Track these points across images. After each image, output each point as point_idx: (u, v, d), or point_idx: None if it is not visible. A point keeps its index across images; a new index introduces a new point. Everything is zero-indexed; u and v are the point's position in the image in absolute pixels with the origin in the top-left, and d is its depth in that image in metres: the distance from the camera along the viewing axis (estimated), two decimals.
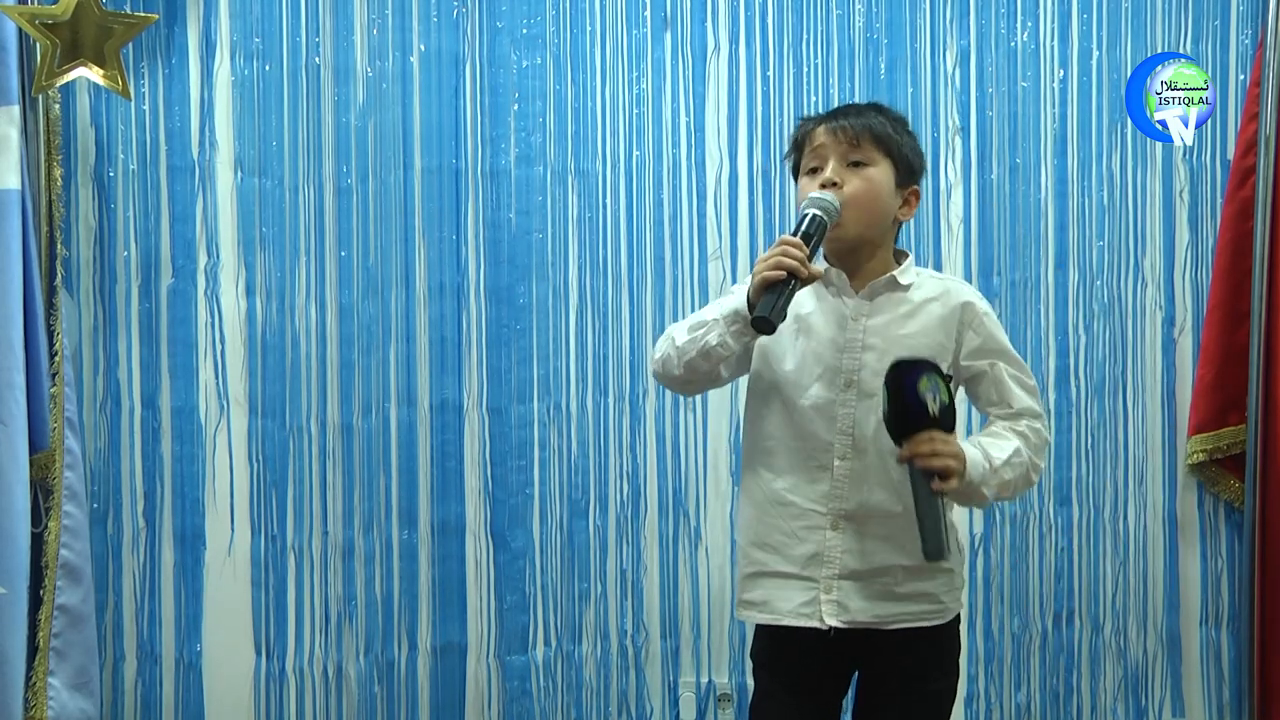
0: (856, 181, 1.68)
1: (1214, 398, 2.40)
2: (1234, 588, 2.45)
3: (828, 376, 1.68)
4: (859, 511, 1.67)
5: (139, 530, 2.36)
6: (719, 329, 1.64)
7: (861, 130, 1.69)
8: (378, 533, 2.39)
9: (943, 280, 1.76)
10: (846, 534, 1.67)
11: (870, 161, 1.69)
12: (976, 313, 1.72)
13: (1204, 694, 2.48)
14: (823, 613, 1.66)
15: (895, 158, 1.71)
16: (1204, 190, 2.44)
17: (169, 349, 2.35)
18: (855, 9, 2.41)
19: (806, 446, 1.68)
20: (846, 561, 1.67)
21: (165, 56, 2.34)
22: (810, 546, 1.67)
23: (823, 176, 1.68)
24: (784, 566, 1.69)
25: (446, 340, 2.40)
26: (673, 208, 2.42)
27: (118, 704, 2.36)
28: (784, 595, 1.69)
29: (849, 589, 1.67)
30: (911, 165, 1.74)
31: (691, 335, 1.67)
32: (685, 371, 1.69)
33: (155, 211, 2.34)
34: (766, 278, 1.56)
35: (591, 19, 2.40)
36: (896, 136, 1.72)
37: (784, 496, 1.69)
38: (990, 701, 2.47)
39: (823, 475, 1.67)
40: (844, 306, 1.70)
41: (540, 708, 2.43)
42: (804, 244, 1.58)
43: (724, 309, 1.65)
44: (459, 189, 2.39)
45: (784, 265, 1.55)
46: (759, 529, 1.71)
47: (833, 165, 1.68)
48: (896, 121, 1.74)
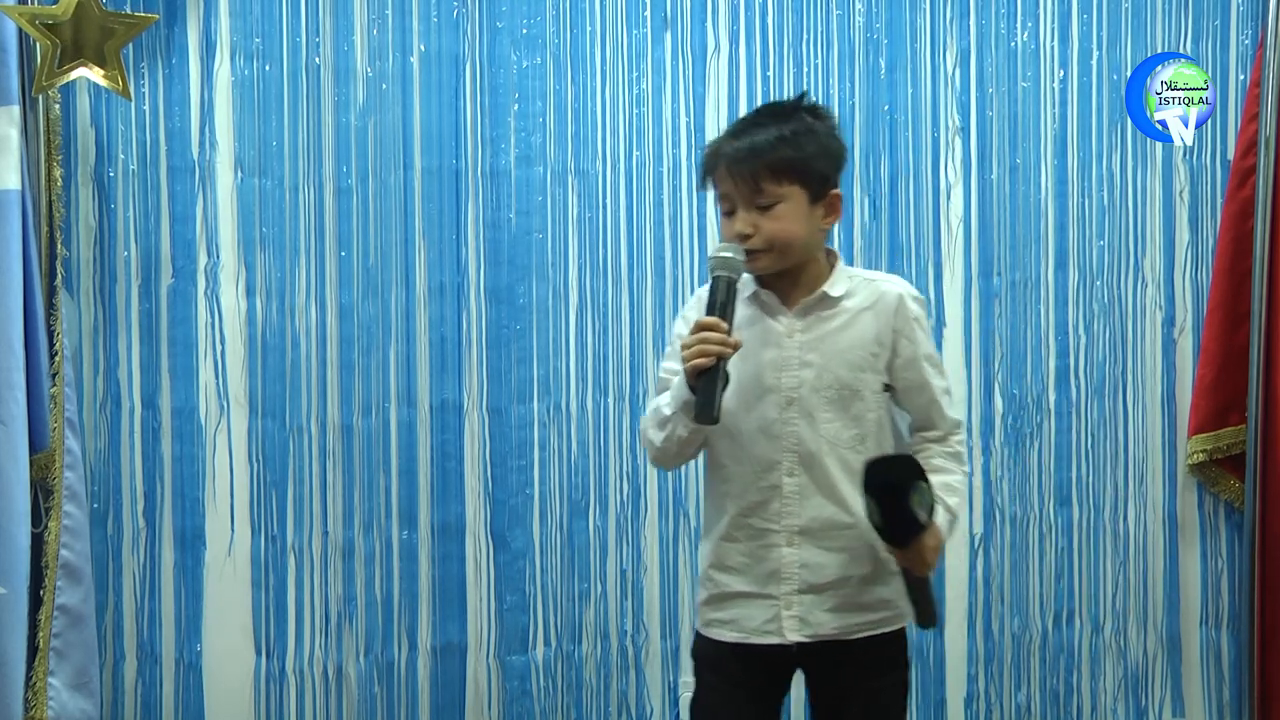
0: (768, 226, 1.63)
1: (1214, 398, 2.40)
2: (1234, 588, 2.45)
3: (769, 397, 1.68)
4: (811, 526, 1.68)
5: (139, 530, 2.36)
6: (681, 423, 1.65)
7: (759, 170, 1.62)
8: (378, 533, 2.39)
9: (873, 281, 1.74)
10: (802, 549, 1.68)
11: (778, 199, 1.63)
12: (908, 318, 1.71)
13: (1204, 694, 2.48)
14: (784, 628, 1.69)
15: (804, 179, 1.64)
16: (1204, 190, 2.44)
17: (169, 349, 2.35)
18: (855, 9, 2.41)
19: (756, 467, 1.69)
20: (804, 576, 1.68)
21: (165, 56, 2.34)
22: (769, 565, 1.69)
23: (734, 230, 1.64)
24: (746, 586, 1.71)
25: (446, 340, 2.39)
26: (673, 208, 2.42)
27: (118, 704, 2.36)
28: (748, 614, 1.70)
29: (810, 603, 1.69)
30: (824, 175, 1.67)
31: (664, 433, 1.68)
32: (679, 459, 1.75)
33: (155, 211, 2.34)
34: (698, 366, 1.56)
35: (591, 19, 2.40)
36: (798, 155, 1.64)
37: (740, 520, 1.70)
38: (990, 701, 2.47)
39: (773, 494, 1.69)
40: (778, 325, 1.70)
41: (540, 708, 2.43)
42: (722, 318, 1.58)
43: (676, 401, 1.64)
44: (459, 189, 2.39)
45: (710, 354, 1.56)
46: (719, 553, 1.73)
47: (741, 215, 1.64)
48: (797, 131, 1.65)
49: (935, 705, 2.47)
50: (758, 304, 1.70)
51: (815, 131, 1.67)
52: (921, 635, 2.45)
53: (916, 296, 1.75)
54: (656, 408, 1.71)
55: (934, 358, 1.75)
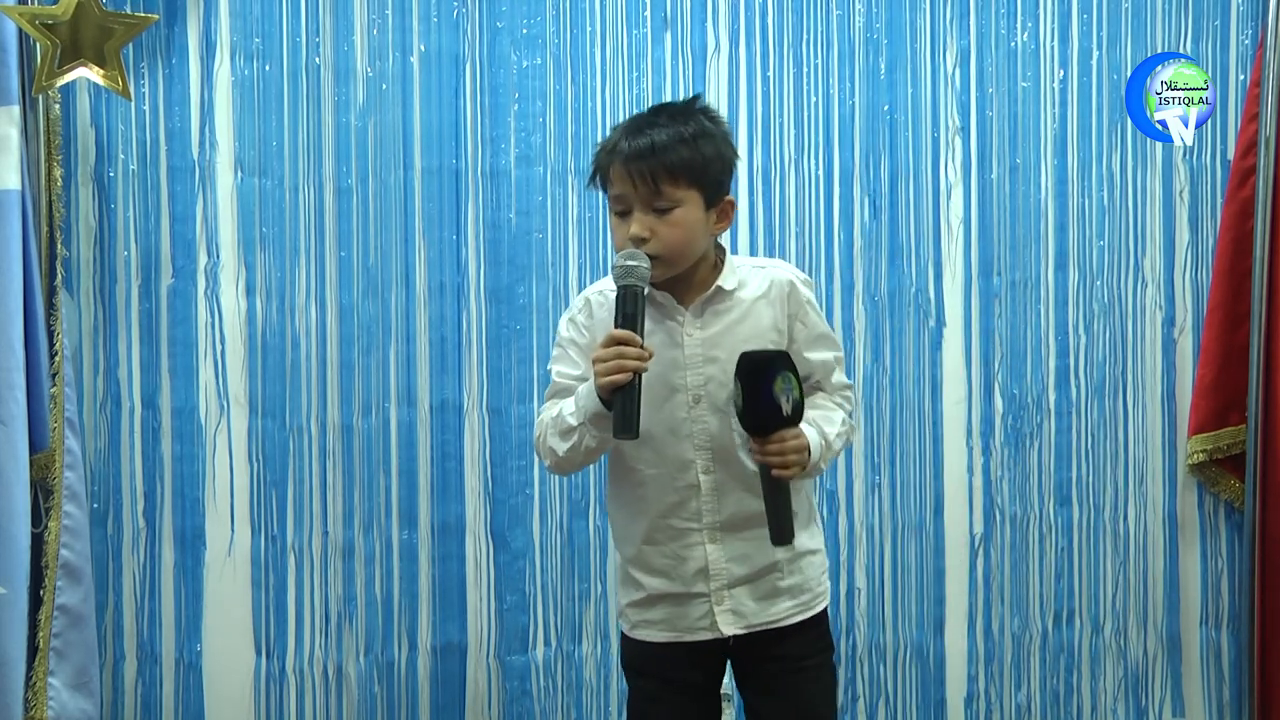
0: (665, 231, 1.61)
1: (1214, 398, 2.40)
2: (1234, 588, 2.45)
3: (675, 397, 1.68)
4: (733, 520, 1.69)
5: (139, 530, 2.36)
6: (590, 433, 1.63)
7: (658, 172, 1.59)
8: (378, 533, 2.39)
9: (763, 269, 1.74)
10: (725, 544, 1.69)
11: (676, 202, 1.61)
12: (800, 302, 1.72)
13: (1204, 694, 2.48)
14: (719, 623, 1.69)
15: (701, 184, 1.62)
16: (1204, 190, 2.44)
17: (169, 349, 2.35)
18: (855, 9, 2.41)
19: (670, 469, 1.69)
20: (733, 570, 1.69)
21: (165, 56, 2.34)
22: (694, 563, 1.70)
23: (630, 231, 1.62)
24: (674, 587, 1.71)
25: (446, 340, 2.39)
26: None
27: (118, 704, 2.36)
28: (680, 613, 1.71)
29: (740, 595, 1.70)
30: (719, 180, 1.66)
31: (568, 443, 1.66)
32: (583, 466, 1.74)
33: (155, 211, 2.34)
34: (615, 382, 1.54)
35: (591, 19, 2.40)
36: (697, 158, 1.61)
37: (659, 522, 1.70)
38: (990, 701, 2.47)
39: (691, 493, 1.69)
40: (677, 326, 1.69)
41: (540, 708, 2.43)
42: (634, 331, 1.56)
43: (584, 412, 1.62)
44: (459, 189, 2.39)
45: (626, 369, 1.54)
46: (641, 557, 1.73)
47: (638, 217, 1.61)
48: (695, 133, 1.63)
49: (935, 705, 2.47)
50: (654, 305, 1.67)
51: (712, 135, 1.66)
52: (922, 634, 2.45)
53: (805, 280, 1.76)
54: (559, 416, 1.67)
55: (827, 336, 1.76)
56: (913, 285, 2.43)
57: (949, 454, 2.45)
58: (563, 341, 1.76)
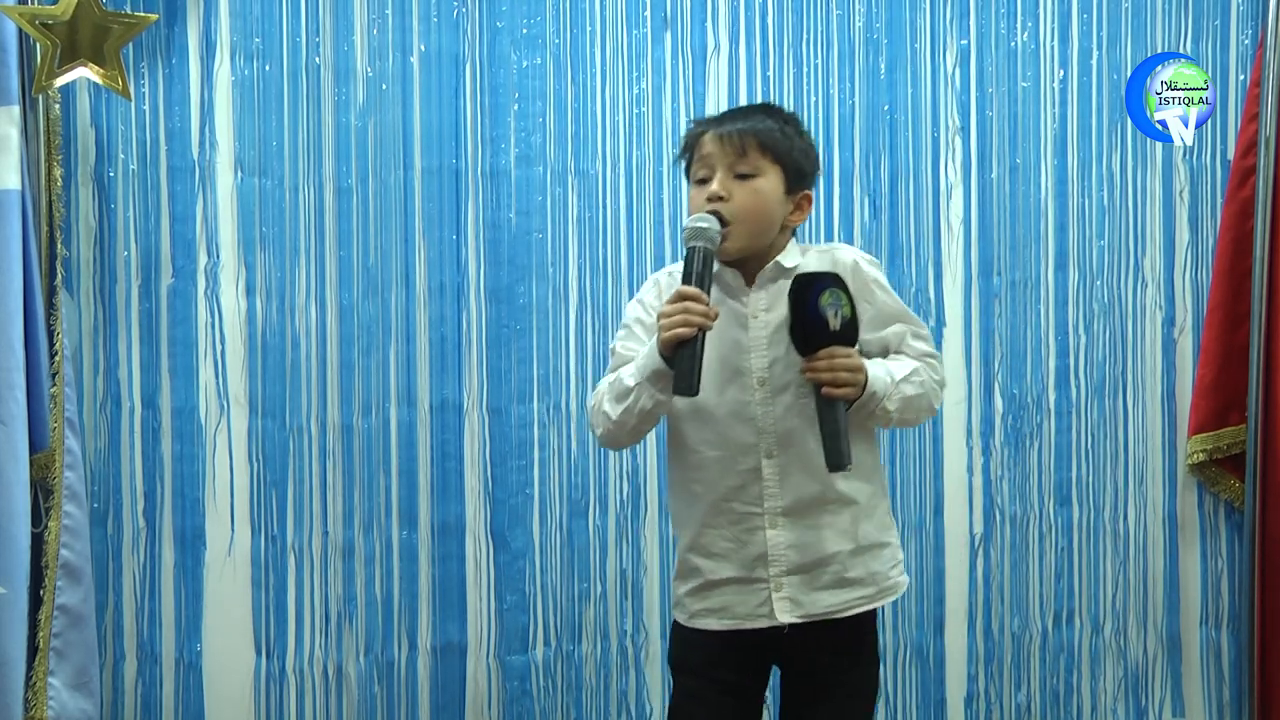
0: (743, 195, 1.66)
1: (1214, 398, 2.40)
2: (1234, 588, 2.45)
3: (738, 379, 1.69)
4: (795, 506, 1.68)
5: (139, 530, 2.36)
6: (648, 393, 1.63)
7: (748, 138, 1.67)
8: (378, 533, 2.39)
9: (827, 251, 1.74)
10: (787, 530, 1.68)
11: (758, 172, 1.67)
12: (865, 280, 1.71)
13: (1204, 694, 2.48)
14: (776, 610, 1.68)
15: (784, 164, 1.68)
16: (1204, 190, 2.44)
17: (169, 349, 2.35)
18: (855, 9, 2.41)
19: (732, 452, 1.69)
20: (791, 557, 1.68)
21: (165, 56, 2.34)
22: (754, 548, 1.69)
23: (709, 190, 1.66)
24: (733, 572, 1.70)
25: (446, 340, 2.39)
26: (673, 208, 2.42)
27: (118, 704, 2.36)
28: (739, 600, 1.70)
29: (798, 583, 1.68)
30: (802, 170, 1.71)
31: (623, 405, 1.66)
32: (634, 436, 1.72)
33: (155, 211, 2.34)
34: (679, 336, 1.56)
35: (591, 19, 2.40)
36: (786, 141, 1.69)
37: (720, 505, 1.70)
38: (990, 701, 2.47)
39: (753, 477, 1.69)
40: (742, 307, 1.70)
41: (540, 708, 2.43)
42: (701, 289, 1.58)
43: (643, 372, 1.64)
44: (459, 189, 2.39)
45: (692, 323, 1.56)
46: (704, 540, 1.72)
47: (719, 178, 1.67)
48: (787, 124, 1.71)
49: (935, 705, 2.47)
50: (722, 284, 1.70)
51: (803, 136, 1.73)
52: (922, 634, 2.45)
53: (871, 259, 1.75)
54: (616, 379, 1.69)
55: (900, 313, 1.73)
56: (913, 285, 2.43)
57: (949, 454, 2.45)
58: (628, 322, 1.77)
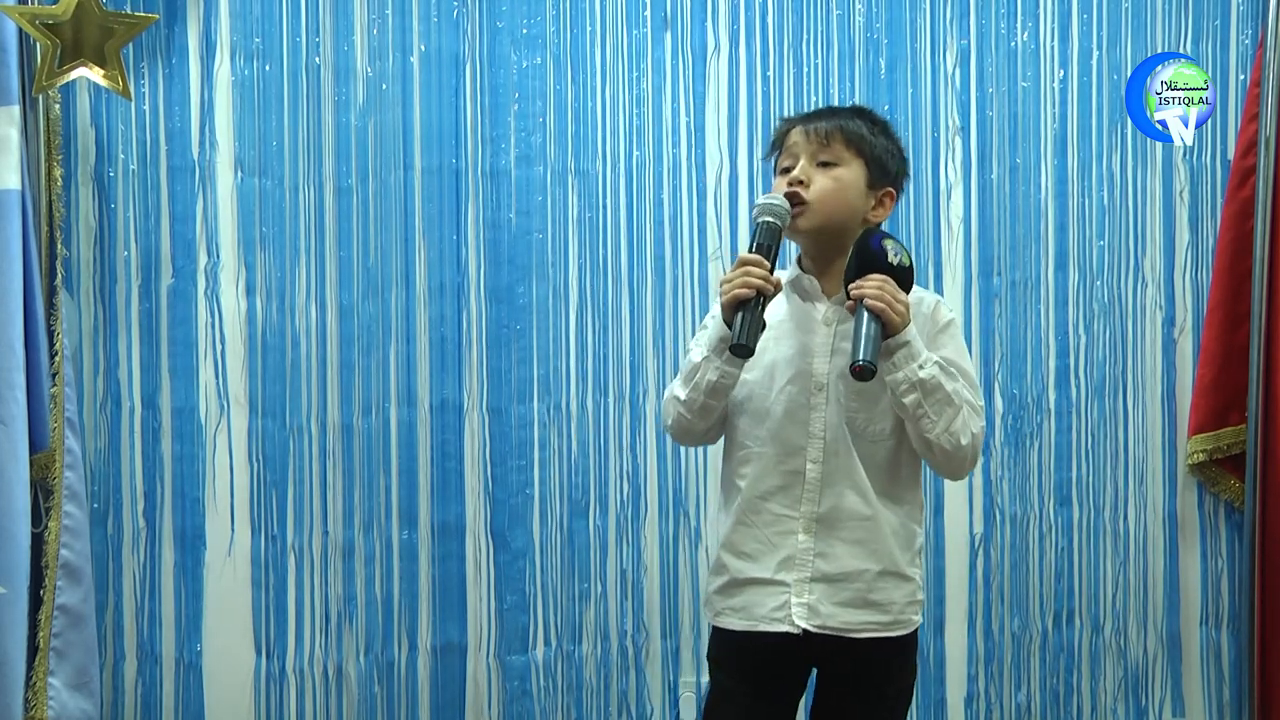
0: (822, 180, 1.69)
1: (1214, 398, 2.40)
2: (1234, 588, 2.45)
3: (799, 380, 1.70)
4: (830, 515, 1.68)
5: (139, 530, 2.36)
6: (714, 364, 1.66)
7: (833, 130, 1.71)
8: (378, 533, 2.39)
9: (917, 291, 1.74)
10: (818, 537, 1.69)
11: (840, 161, 1.70)
12: (940, 322, 1.73)
13: (1204, 694, 2.48)
14: (793, 616, 1.68)
15: (867, 158, 1.72)
16: (1204, 190, 2.44)
17: (169, 349, 2.35)
18: (855, 9, 2.41)
19: (779, 451, 1.70)
20: (818, 565, 1.69)
21: (165, 56, 2.34)
22: (783, 551, 1.69)
23: (791, 175, 1.70)
24: (759, 573, 1.71)
25: (446, 340, 2.39)
26: (673, 208, 2.42)
27: (118, 704, 2.36)
28: (759, 601, 1.71)
29: (820, 592, 1.68)
30: (885, 166, 1.74)
31: (692, 383, 1.69)
32: (702, 418, 1.72)
33: (155, 211, 2.34)
34: (737, 295, 1.58)
35: (591, 19, 2.40)
36: (871, 137, 1.72)
37: (758, 504, 1.71)
38: (990, 701, 2.47)
39: (795, 479, 1.69)
40: (815, 311, 1.72)
41: (540, 708, 2.43)
42: (763, 257, 1.61)
43: (710, 343, 1.66)
44: (459, 189, 2.39)
45: (751, 285, 1.58)
46: (735, 537, 1.73)
47: (802, 164, 1.71)
48: (876, 124, 1.75)
49: (935, 705, 2.47)
50: (797, 290, 1.73)
51: (892, 136, 1.77)
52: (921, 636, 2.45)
53: (950, 308, 1.78)
54: (687, 362, 1.72)
55: (962, 365, 1.71)
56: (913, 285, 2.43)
57: None
58: (705, 325, 1.77)
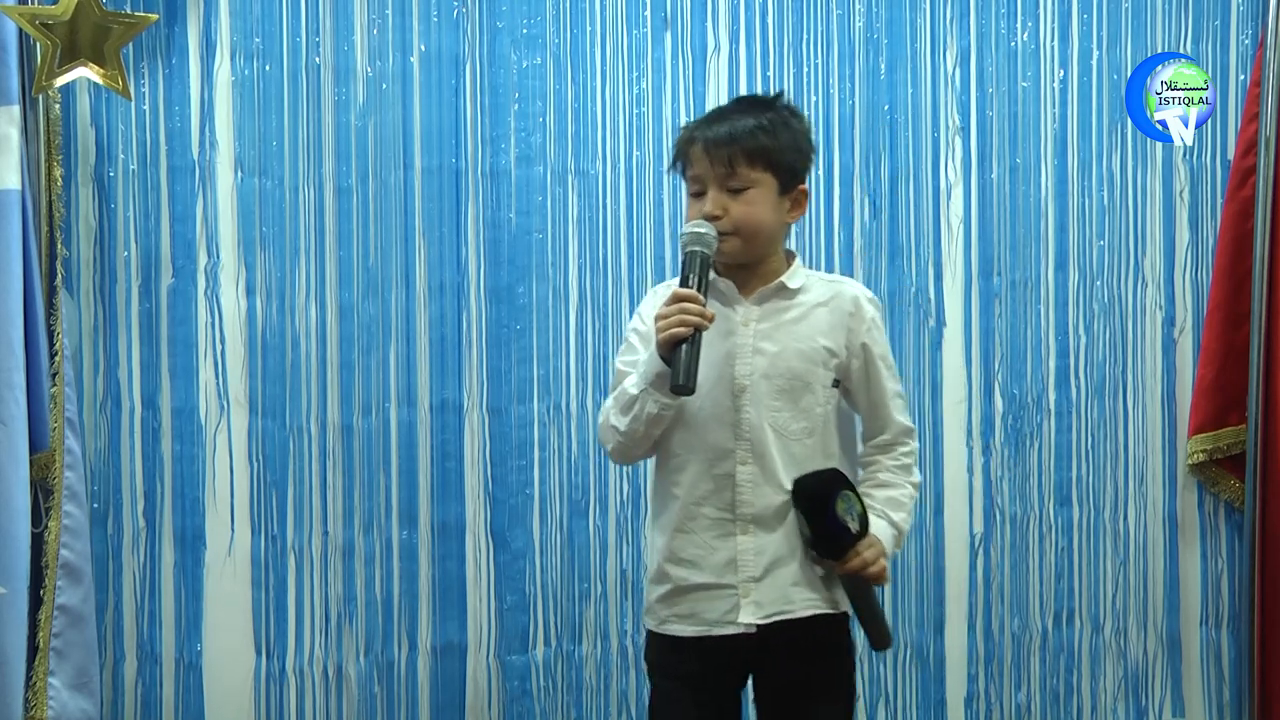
0: (738, 210, 1.68)
1: (1214, 398, 2.40)
2: (1234, 588, 2.45)
3: (722, 384, 1.70)
4: (764, 513, 1.70)
5: (139, 530, 2.36)
6: (652, 399, 1.66)
7: (734, 153, 1.67)
8: (378, 533, 2.39)
9: (833, 283, 1.78)
10: (755, 536, 1.70)
11: (750, 184, 1.68)
12: (865, 319, 1.74)
13: (1204, 694, 2.48)
14: (743, 615, 1.69)
15: (776, 168, 1.69)
16: (1204, 190, 2.45)
17: (169, 349, 2.35)
18: (855, 9, 2.41)
19: (710, 456, 1.70)
20: (760, 562, 1.70)
21: (165, 56, 2.34)
22: (724, 554, 1.70)
23: (704, 209, 1.68)
24: (703, 578, 1.71)
25: (446, 340, 2.39)
26: (673, 208, 2.42)
27: (118, 704, 2.36)
28: (708, 606, 1.71)
29: (765, 586, 1.70)
30: (794, 169, 1.72)
31: (630, 415, 1.69)
32: (646, 446, 1.74)
33: (155, 211, 2.34)
34: (674, 335, 1.59)
35: (591, 19, 2.40)
36: (773, 144, 1.68)
37: (694, 510, 1.72)
38: (990, 701, 2.47)
39: (726, 482, 1.70)
40: (733, 314, 1.72)
41: (540, 708, 2.43)
42: (699, 293, 1.62)
43: (645, 378, 1.66)
44: (459, 189, 2.39)
45: (689, 324, 1.59)
46: (675, 545, 1.73)
47: (712, 195, 1.68)
48: (774, 121, 1.70)
49: (935, 705, 2.47)
50: (715, 293, 1.72)
51: (790, 126, 1.72)
52: (922, 634, 2.45)
53: (873, 299, 1.78)
54: (620, 391, 1.72)
55: (889, 360, 1.77)
56: (913, 285, 2.43)
57: (949, 454, 2.45)
58: (627, 336, 1.79)
